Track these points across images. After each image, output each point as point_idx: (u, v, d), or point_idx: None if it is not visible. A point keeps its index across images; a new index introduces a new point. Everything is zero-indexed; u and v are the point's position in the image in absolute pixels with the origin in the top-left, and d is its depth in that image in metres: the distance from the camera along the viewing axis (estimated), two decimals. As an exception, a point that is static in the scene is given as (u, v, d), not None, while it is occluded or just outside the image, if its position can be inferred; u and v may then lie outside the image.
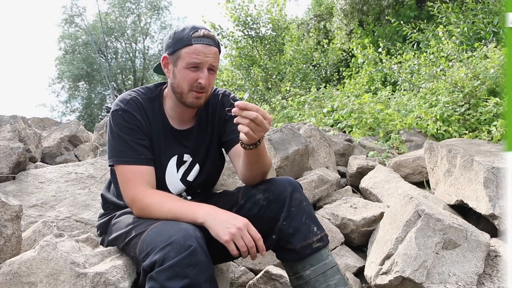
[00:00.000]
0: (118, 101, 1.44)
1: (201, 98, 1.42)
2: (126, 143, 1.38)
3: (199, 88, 1.39)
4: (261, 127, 1.23)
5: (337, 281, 1.35)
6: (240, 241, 1.20)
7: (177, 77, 1.41)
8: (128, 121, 1.40)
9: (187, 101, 1.42)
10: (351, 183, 3.14)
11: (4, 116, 2.80)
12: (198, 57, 1.37)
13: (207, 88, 1.41)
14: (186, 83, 1.39)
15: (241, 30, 11.63)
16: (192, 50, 1.37)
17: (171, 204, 1.31)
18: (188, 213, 1.27)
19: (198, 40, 1.37)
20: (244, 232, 1.21)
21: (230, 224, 1.21)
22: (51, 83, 23.53)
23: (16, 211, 1.41)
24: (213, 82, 1.45)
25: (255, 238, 1.23)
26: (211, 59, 1.39)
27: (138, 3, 24.13)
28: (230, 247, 1.20)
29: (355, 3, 10.42)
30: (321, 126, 5.45)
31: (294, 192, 1.39)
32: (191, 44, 1.37)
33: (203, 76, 1.38)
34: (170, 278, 1.09)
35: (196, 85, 1.39)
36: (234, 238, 1.20)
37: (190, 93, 1.40)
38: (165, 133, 1.47)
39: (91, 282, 1.24)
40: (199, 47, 1.37)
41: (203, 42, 1.38)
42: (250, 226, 1.24)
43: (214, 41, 1.41)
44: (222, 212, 1.26)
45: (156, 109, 1.48)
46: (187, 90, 1.40)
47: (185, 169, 1.51)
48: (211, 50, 1.38)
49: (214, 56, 1.40)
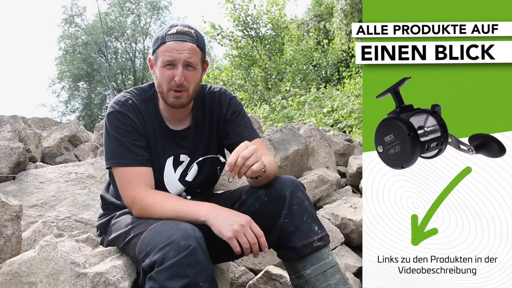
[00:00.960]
0: (113, 103, 1.44)
1: (181, 97, 1.38)
2: (122, 145, 1.37)
3: (175, 86, 1.36)
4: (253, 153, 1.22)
5: (337, 280, 1.35)
6: (243, 238, 1.20)
7: (158, 77, 1.40)
8: (123, 123, 1.39)
9: (168, 101, 1.40)
10: (351, 183, 3.14)
11: (4, 116, 2.80)
12: (170, 54, 1.34)
13: (186, 85, 1.37)
14: (164, 82, 1.37)
15: (241, 30, 11.63)
16: (165, 48, 1.35)
17: (173, 203, 1.31)
18: (191, 211, 1.27)
19: (171, 37, 1.35)
20: (247, 229, 1.21)
21: (232, 221, 1.21)
22: (51, 84, 23.54)
23: (16, 211, 1.41)
24: (195, 79, 1.40)
25: (257, 235, 1.23)
26: (186, 55, 1.35)
27: (138, 3, 24.16)
28: (233, 244, 1.20)
29: (356, 3, 10.43)
30: (321, 126, 5.46)
31: (296, 191, 1.39)
32: (165, 42, 1.36)
33: (178, 73, 1.34)
34: (170, 278, 1.09)
35: (173, 84, 1.36)
36: (237, 235, 1.20)
37: (169, 92, 1.38)
38: (161, 133, 1.47)
39: (91, 282, 1.24)
40: (171, 44, 1.35)
41: (175, 38, 1.35)
42: (253, 223, 1.24)
43: (191, 36, 1.37)
44: (225, 210, 1.26)
45: (151, 110, 1.46)
46: (166, 90, 1.38)
47: (182, 169, 1.51)
48: (184, 46, 1.35)
49: (190, 52, 1.36)
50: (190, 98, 1.42)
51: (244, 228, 1.21)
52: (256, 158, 1.23)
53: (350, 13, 10.62)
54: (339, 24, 11.13)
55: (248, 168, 1.21)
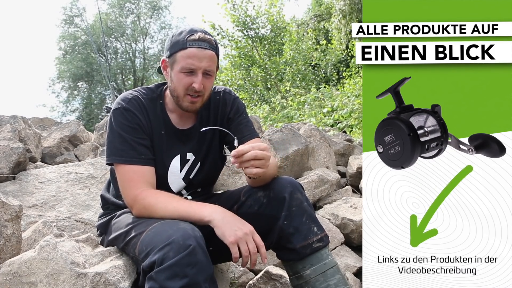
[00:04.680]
0: (119, 99, 1.44)
1: (196, 103, 1.41)
2: (126, 142, 1.37)
3: (193, 92, 1.38)
4: (264, 159, 1.23)
5: (337, 280, 1.35)
6: (244, 246, 1.21)
7: (173, 81, 1.41)
8: (129, 120, 1.39)
9: (183, 105, 1.42)
10: (351, 183, 3.14)
11: (4, 116, 2.80)
12: (192, 61, 1.35)
13: (203, 92, 1.40)
14: (181, 87, 1.38)
15: (241, 30, 11.63)
16: (186, 54, 1.35)
17: (176, 203, 1.31)
18: (195, 211, 1.27)
19: (193, 43, 1.35)
20: (250, 238, 1.22)
21: (237, 227, 1.22)
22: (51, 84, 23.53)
23: (16, 211, 1.41)
24: (211, 86, 1.43)
25: (258, 245, 1.23)
26: (206, 63, 1.37)
27: (137, 3, 24.14)
28: (233, 249, 1.20)
29: (355, 3, 10.42)
30: (321, 126, 5.46)
31: (295, 192, 1.39)
32: (186, 48, 1.35)
33: (197, 80, 1.36)
34: (170, 278, 1.09)
35: (191, 89, 1.38)
36: (239, 242, 1.21)
37: (185, 97, 1.40)
38: (167, 132, 1.47)
39: (91, 282, 1.24)
40: (193, 51, 1.35)
41: (198, 45, 1.35)
42: (255, 234, 1.25)
43: (211, 44, 1.38)
44: (230, 214, 1.27)
45: (157, 109, 1.47)
46: (182, 94, 1.40)
47: (188, 167, 1.51)
48: (206, 54, 1.36)
49: (210, 60, 1.38)
50: (203, 103, 1.45)
51: (247, 236, 1.22)
52: (264, 164, 1.23)
53: (349, 13, 10.62)
54: (337, 24, 11.13)
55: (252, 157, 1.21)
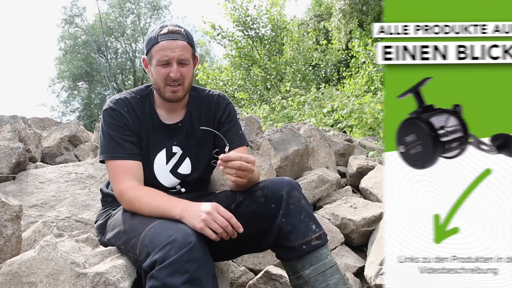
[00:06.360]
0: (108, 101, 1.54)
1: (177, 92, 1.48)
2: (113, 140, 1.46)
3: (171, 81, 1.45)
4: (247, 171, 1.29)
5: (336, 280, 1.35)
6: (214, 224, 1.22)
7: (154, 75, 1.49)
8: (116, 119, 1.48)
9: (166, 95, 1.49)
10: (351, 183, 3.14)
11: (4, 116, 2.80)
12: (164, 53, 1.43)
13: (182, 80, 1.47)
14: (160, 79, 1.47)
15: (241, 30, 11.62)
16: (159, 47, 1.44)
17: (153, 199, 1.36)
18: (170, 210, 1.30)
19: (164, 37, 1.44)
20: (215, 215, 1.23)
21: (200, 212, 1.24)
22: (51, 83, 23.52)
23: (16, 211, 1.41)
24: (189, 74, 1.50)
25: (226, 217, 1.25)
26: (179, 53, 1.44)
27: (137, 3, 24.13)
28: (207, 233, 1.21)
29: (355, 3, 10.42)
30: (321, 126, 5.46)
31: (292, 190, 1.40)
32: (158, 42, 1.44)
33: (173, 70, 1.44)
34: (171, 275, 1.10)
35: (169, 79, 1.45)
36: (208, 223, 1.22)
37: (166, 87, 1.47)
38: (154, 128, 1.54)
39: (91, 282, 1.25)
40: (164, 43, 1.44)
41: (168, 38, 1.44)
42: (220, 208, 1.26)
43: (181, 34, 1.46)
44: (195, 205, 1.29)
45: (146, 106, 1.55)
46: (163, 86, 1.47)
47: (175, 161, 1.56)
48: (177, 45, 1.44)
49: (182, 49, 1.45)
50: (185, 91, 1.52)
51: (212, 215, 1.23)
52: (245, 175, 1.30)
53: (349, 13, 10.60)
54: (337, 24, 11.11)
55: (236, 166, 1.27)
